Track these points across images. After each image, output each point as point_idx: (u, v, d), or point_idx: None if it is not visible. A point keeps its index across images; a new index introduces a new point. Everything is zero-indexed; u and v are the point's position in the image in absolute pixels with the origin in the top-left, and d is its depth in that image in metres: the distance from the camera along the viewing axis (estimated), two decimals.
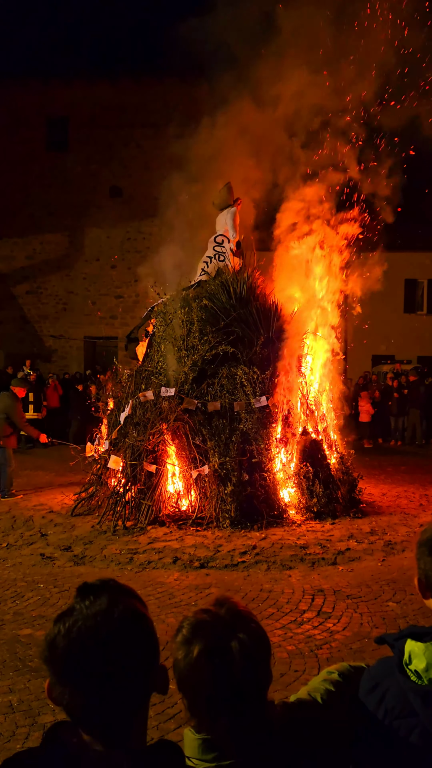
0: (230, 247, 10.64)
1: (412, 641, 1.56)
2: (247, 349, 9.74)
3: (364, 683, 1.59)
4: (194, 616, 1.46)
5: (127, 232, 25.03)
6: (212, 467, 8.97)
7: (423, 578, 1.65)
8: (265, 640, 1.47)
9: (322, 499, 9.36)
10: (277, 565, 7.31)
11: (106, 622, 1.26)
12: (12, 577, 6.99)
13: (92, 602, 1.28)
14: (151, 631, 1.34)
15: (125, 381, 10.38)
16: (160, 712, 4.20)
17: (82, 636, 1.25)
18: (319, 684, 1.64)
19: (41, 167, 25.05)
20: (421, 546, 1.65)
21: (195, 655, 1.39)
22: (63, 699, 1.27)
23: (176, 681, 1.43)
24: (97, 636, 1.25)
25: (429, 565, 1.62)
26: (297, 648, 5.19)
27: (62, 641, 1.26)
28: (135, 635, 1.30)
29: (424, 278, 26.31)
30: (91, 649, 1.24)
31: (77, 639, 1.25)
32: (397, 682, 1.54)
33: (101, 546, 8.07)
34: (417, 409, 18.68)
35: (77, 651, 1.24)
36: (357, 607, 6.07)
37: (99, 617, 1.27)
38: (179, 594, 6.44)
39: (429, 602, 1.67)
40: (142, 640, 1.31)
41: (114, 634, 1.26)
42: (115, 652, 1.26)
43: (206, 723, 1.41)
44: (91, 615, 1.27)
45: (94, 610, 1.27)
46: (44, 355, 25.14)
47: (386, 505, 10.46)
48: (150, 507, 9.00)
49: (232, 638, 1.40)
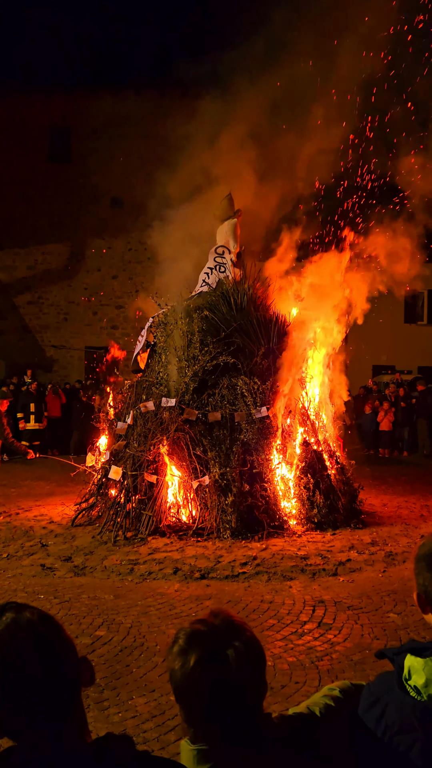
0: (231, 258, 10.69)
1: (412, 656, 1.56)
2: (248, 360, 9.77)
3: (364, 699, 1.59)
4: (190, 626, 1.48)
5: (128, 243, 25.12)
6: (213, 478, 8.97)
7: (422, 594, 1.65)
8: (260, 650, 1.48)
9: (323, 509, 9.36)
10: (277, 576, 7.29)
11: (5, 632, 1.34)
12: (12, 587, 6.97)
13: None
14: (49, 631, 1.39)
15: (126, 391, 10.40)
16: (161, 723, 4.20)
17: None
18: (319, 699, 1.65)
19: (43, 178, 25.18)
20: (420, 561, 1.65)
21: (191, 665, 1.40)
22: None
23: (173, 691, 1.44)
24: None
25: (428, 581, 1.62)
26: (298, 659, 5.18)
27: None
28: (30, 639, 1.35)
29: (424, 289, 26.37)
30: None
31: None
32: (397, 697, 1.53)
33: (102, 557, 8.06)
34: (425, 419, 18.65)
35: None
36: (358, 618, 6.05)
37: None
38: (180, 605, 6.43)
39: (428, 617, 1.67)
40: (40, 643, 1.35)
41: (13, 645, 1.33)
42: (20, 661, 1.32)
43: (201, 733, 1.42)
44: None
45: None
46: (45, 365, 25.17)
47: (387, 515, 10.44)
48: (150, 517, 9.00)
49: (227, 648, 1.41)
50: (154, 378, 10.09)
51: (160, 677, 4.81)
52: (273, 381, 9.61)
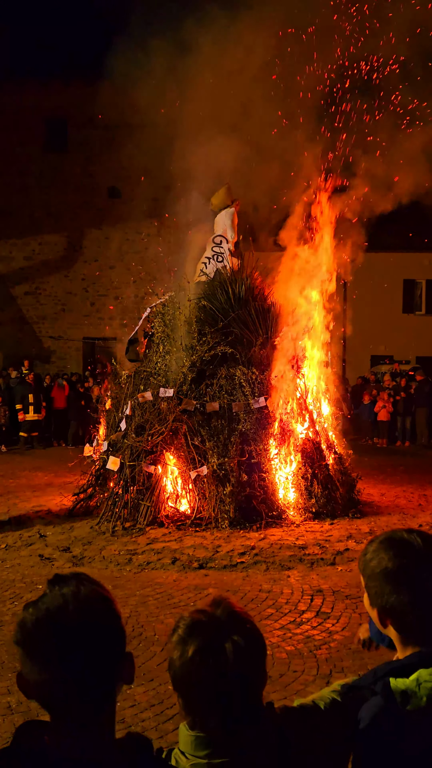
0: (229, 248, 10.65)
1: (399, 679, 1.53)
2: (246, 350, 9.75)
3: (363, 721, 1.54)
4: (190, 616, 1.47)
5: (126, 233, 25.03)
6: (211, 468, 8.97)
7: (382, 611, 1.64)
8: (261, 641, 1.47)
9: (321, 499, 9.37)
10: (276, 565, 7.31)
11: (73, 599, 1.31)
12: (11, 578, 6.98)
13: (60, 586, 1.34)
14: (117, 614, 1.37)
15: (124, 382, 10.38)
16: (159, 713, 4.21)
17: (50, 613, 1.30)
18: (326, 693, 1.64)
19: (40, 168, 25.05)
20: (375, 579, 1.64)
21: (190, 655, 1.40)
22: (32, 686, 1.31)
23: (171, 680, 1.44)
24: (64, 612, 1.29)
25: (389, 593, 1.60)
26: (296, 648, 5.19)
27: (30, 619, 1.31)
28: (101, 613, 1.33)
29: (422, 278, 26.36)
30: (58, 624, 1.28)
31: (45, 617, 1.29)
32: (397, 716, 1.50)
33: (100, 547, 8.07)
34: (423, 409, 18.64)
35: (45, 627, 1.29)
36: (356, 607, 6.06)
37: (67, 597, 1.31)
38: (178, 594, 6.44)
39: (389, 630, 1.66)
40: (108, 620, 1.34)
41: (81, 611, 1.30)
42: (82, 627, 1.29)
43: (200, 721, 1.42)
44: (58, 595, 1.32)
45: (62, 591, 1.32)
46: (43, 356, 25.14)
47: (385, 505, 10.46)
48: (149, 508, 9.00)
49: (227, 638, 1.40)
50: (152, 368, 10.06)
51: (158, 666, 4.82)
52: (271, 371, 9.59)
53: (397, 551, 1.61)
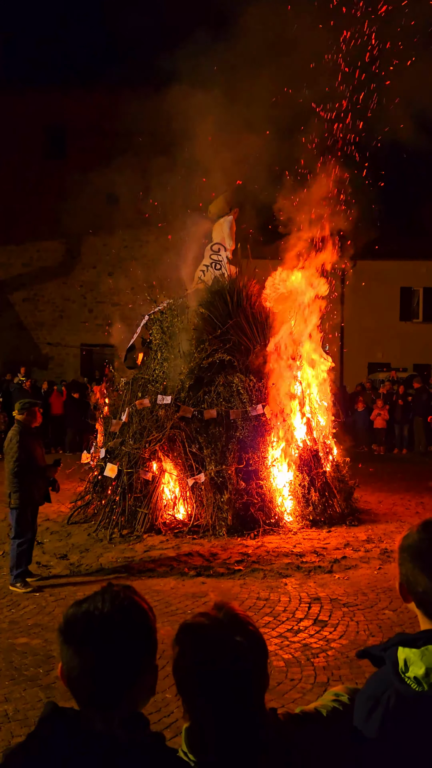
0: (227, 256, 10.68)
1: (405, 648, 1.55)
2: (244, 357, 9.77)
3: (361, 707, 1.55)
4: (193, 619, 1.48)
5: (124, 240, 25.08)
6: (208, 475, 8.97)
7: (405, 583, 1.67)
8: (262, 645, 1.48)
9: (318, 507, 9.37)
10: (273, 573, 7.30)
11: (111, 602, 1.46)
12: (8, 585, 6.96)
13: (106, 591, 1.50)
14: (149, 626, 1.49)
15: (122, 389, 10.39)
16: (156, 721, 4.19)
17: (89, 608, 1.45)
18: (328, 702, 1.65)
19: (38, 175, 25.10)
20: (403, 551, 1.67)
21: (191, 658, 1.41)
22: (64, 672, 1.44)
23: (176, 682, 1.45)
24: (98, 610, 1.44)
25: (410, 571, 1.63)
26: (293, 656, 5.19)
27: (70, 611, 1.47)
28: (132, 620, 1.46)
29: (419, 286, 26.43)
30: (96, 617, 1.43)
31: (87, 610, 1.45)
32: (398, 691, 1.52)
33: (97, 554, 8.06)
34: (420, 417, 18.61)
35: (84, 618, 1.44)
36: (353, 615, 6.06)
37: (106, 599, 1.47)
38: (176, 602, 6.43)
39: (411, 605, 1.68)
40: (137, 628, 1.46)
41: (114, 613, 1.44)
42: (110, 625, 1.43)
43: (201, 724, 1.43)
44: (100, 597, 1.48)
45: (106, 594, 1.48)
46: (40, 363, 25.11)
47: (382, 512, 10.46)
48: (146, 515, 8.99)
49: (229, 642, 1.41)
50: (149, 375, 10.08)
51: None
52: (268, 378, 9.61)
53: (429, 534, 1.64)
